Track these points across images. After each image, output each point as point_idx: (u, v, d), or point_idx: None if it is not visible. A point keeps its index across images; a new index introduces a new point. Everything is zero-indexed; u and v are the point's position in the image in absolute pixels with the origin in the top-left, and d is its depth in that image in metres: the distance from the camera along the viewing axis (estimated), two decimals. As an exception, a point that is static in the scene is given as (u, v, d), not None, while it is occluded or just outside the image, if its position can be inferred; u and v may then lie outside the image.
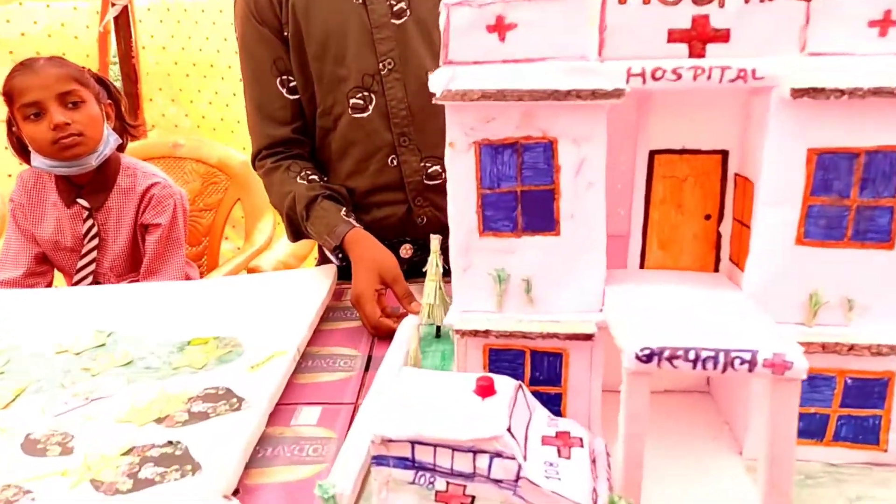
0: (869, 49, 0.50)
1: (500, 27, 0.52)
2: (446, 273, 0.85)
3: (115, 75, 2.77)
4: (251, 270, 1.60)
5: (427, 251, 1.16)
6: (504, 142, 0.54)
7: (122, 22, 2.43)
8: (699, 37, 0.51)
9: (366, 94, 1.04)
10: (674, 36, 0.51)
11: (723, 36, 0.51)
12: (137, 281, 1.54)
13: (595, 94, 0.51)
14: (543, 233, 0.56)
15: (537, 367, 0.59)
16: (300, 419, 0.69)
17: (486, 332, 0.57)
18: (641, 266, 0.63)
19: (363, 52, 1.02)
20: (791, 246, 0.54)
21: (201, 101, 2.48)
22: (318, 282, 1.00)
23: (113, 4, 2.41)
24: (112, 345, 0.83)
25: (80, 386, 0.72)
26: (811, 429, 0.56)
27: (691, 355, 0.44)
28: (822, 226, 0.53)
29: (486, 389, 0.50)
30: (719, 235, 0.61)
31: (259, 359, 0.75)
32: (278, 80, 1.06)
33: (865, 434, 0.56)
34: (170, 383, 0.72)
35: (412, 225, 1.11)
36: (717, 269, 0.62)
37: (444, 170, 1.08)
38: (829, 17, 0.50)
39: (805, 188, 0.52)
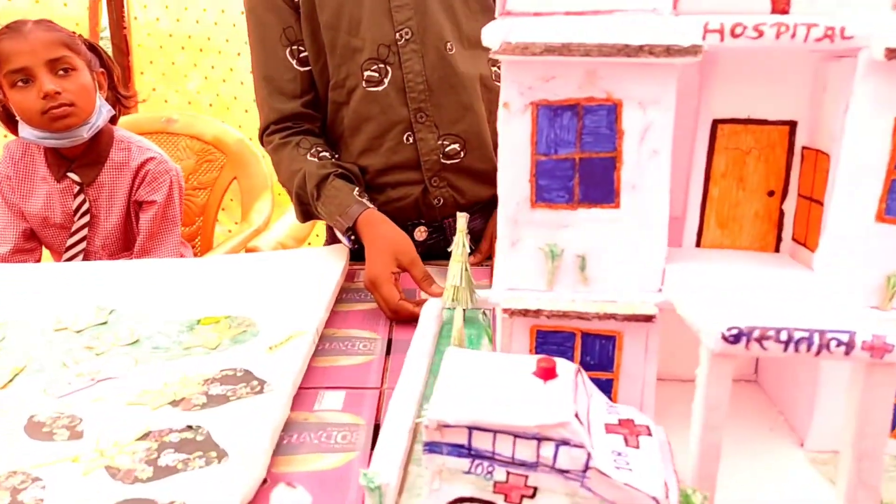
0: (967, 9, 0.46)
1: (564, -25, 0.48)
2: (471, 254, 0.81)
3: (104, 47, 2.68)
4: (249, 251, 1.54)
5: (443, 233, 1.12)
6: (564, 103, 0.49)
7: (114, -10, 2.34)
8: (784, -9, 0.47)
9: (381, 66, 0.98)
10: (757, -11, 0.47)
11: (810, -10, 0.47)
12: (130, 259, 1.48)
13: (669, 51, 0.46)
14: (601, 205, 0.52)
15: (588, 351, 0.54)
16: (324, 404, 0.65)
17: (537, 312, 0.52)
18: (697, 245, 0.58)
19: (379, 20, 0.96)
20: (871, 223, 0.50)
21: (196, 77, 2.40)
22: (330, 262, 0.95)
23: (103, -26, 2.32)
24: (115, 322, 0.77)
25: (84, 366, 0.67)
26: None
27: (783, 336, 0.40)
28: (905, 201, 0.49)
29: (548, 372, 0.45)
30: (782, 213, 0.57)
31: (277, 339, 0.71)
32: (288, 50, 1.00)
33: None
34: (182, 364, 0.67)
35: (428, 206, 1.06)
36: (777, 250, 0.58)
37: (463, 149, 1.04)
38: (925, -28, 0.46)
39: (890, 160, 0.48)
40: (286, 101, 1.02)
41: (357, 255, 1.00)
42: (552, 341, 0.54)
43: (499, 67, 1.06)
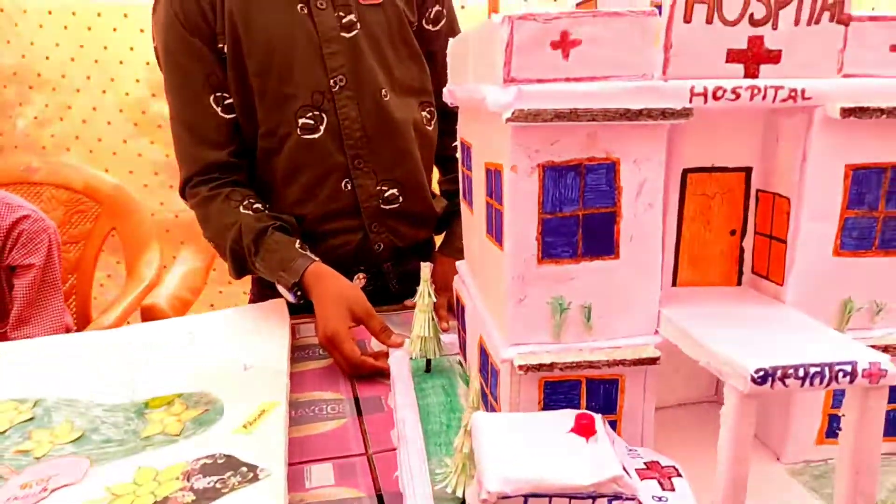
0: (892, 72, 0.54)
1: (564, 43, 0.50)
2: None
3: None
4: (146, 310, 1.41)
5: (381, 278, 1.10)
6: (568, 164, 0.51)
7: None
8: (754, 57, 0.52)
9: (316, 113, 0.95)
10: (731, 56, 0.52)
11: (775, 57, 0.52)
12: (5, 333, 1.31)
13: (665, 114, 0.50)
14: (603, 257, 0.54)
15: (593, 396, 0.56)
16: (314, 480, 0.61)
17: (551, 366, 0.53)
18: (673, 283, 0.63)
19: (312, 67, 0.94)
20: (829, 257, 0.56)
21: (24, 116, 2.16)
22: (273, 320, 0.90)
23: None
24: (43, 416, 0.67)
25: (27, 475, 0.57)
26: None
27: (801, 373, 0.44)
28: (854, 237, 0.56)
29: (587, 428, 0.46)
30: (742, 250, 0.63)
31: (248, 415, 0.65)
32: (212, 97, 0.95)
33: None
34: (147, 457, 0.60)
35: (367, 252, 1.04)
36: (739, 283, 0.64)
37: (401, 193, 1.04)
38: (860, 41, 0.53)
39: (842, 202, 0.55)
40: (212, 150, 0.96)
41: (295, 308, 0.95)
42: (560, 391, 0.56)
43: (429, 112, 1.07)
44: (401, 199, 1.03)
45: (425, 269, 0.78)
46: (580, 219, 0.53)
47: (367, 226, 1.02)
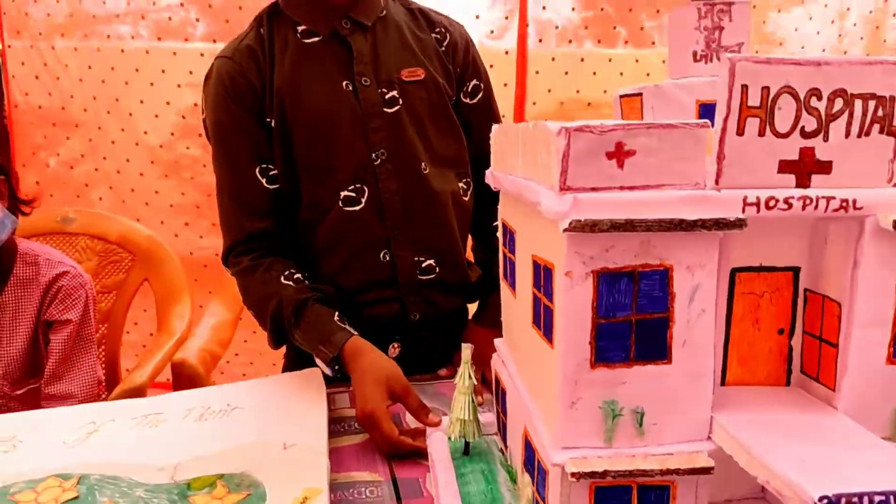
0: (944, 183, 0.54)
1: (619, 154, 0.51)
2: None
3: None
4: (177, 366, 1.43)
5: (415, 347, 1.11)
6: (622, 270, 0.52)
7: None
8: (805, 168, 0.53)
9: (358, 186, 0.98)
10: (783, 166, 0.53)
11: (826, 167, 0.53)
12: (38, 389, 1.33)
13: (719, 224, 0.51)
14: (656, 362, 0.54)
15: (644, 502, 0.55)
16: (356, 573, 0.60)
17: (604, 473, 0.53)
18: (722, 383, 0.62)
19: (355, 142, 0.97)
20: (882, 366, 0.56)
21: (58, 157, 2.22)
22: (309, 392, 0.90)
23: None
24: (88, 496, 0.68)
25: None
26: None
27: (865, 501, 0.44)
28: (907, 345, 0.56)
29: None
30: (790, 349, 0.63)
31: (289, 502, 0.65)
32: (258, 168, 0.97)
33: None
34: (191, 546, 0.60)
35: (403, 322, 1.05)
36: (787, 382, 0.63)
37: (438, 264, 1.05)
38: (911, 152, 0.54)
39: (894, 312, 0.55)
40: (256, 219, 0.99)
41: (329, 378, 0.96)
42: (612, 496, 0.55)
43: (465, 183, 1.09)
44: (438, 269, 1.04)
45: (466, 350, 0.78)
46: (633, 324, 0.53)
47: (404, 296, 1.03)
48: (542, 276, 0.59)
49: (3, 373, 1.28)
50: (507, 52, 2.17)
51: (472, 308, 1.17)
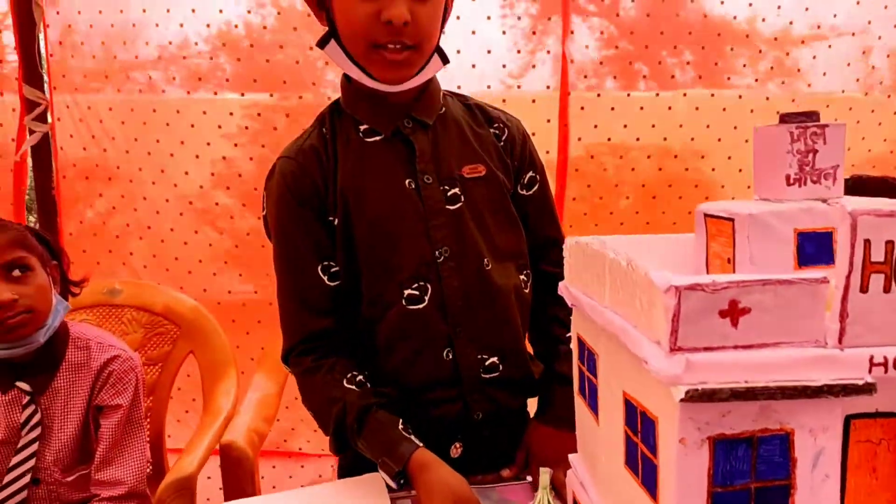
0: None
1: (733, 312, 0.48)
2: None
3: (30, 200, 2.48)
4: (225, 449, 1.40)
5: (480, 446, 1.06)
6: (740, 436, 0.48)
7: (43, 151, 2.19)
8: (936, 324, 0.49)
9: (422, 284, 0.96)
10: (911, 323, 0.49)
11: (957, 322, 0.49)
12: (88, 475, 1.31)
13: (847, 390, 0.47)
14: (776, 530, 0.50)
15: None
16: None
17: None
18: (837, 536, 0.58)
19: (418, 239, 0.95)
20: None
21: (93, 210, 2.23)
22: (372, 499, 0.87)
23: (32, 132, 2.18)
24: None
25: None
26: None
27: None
28: None
29: None
30: (911, 498, 0.58)
31: None
32: (320, 266, 0.96)
33: None
34: None
35: (466, 421, 1.02)
36: (908, 533, 0.58)
37: (501, 362, 1.02)
38: None
39: None
40: (318, 318, 0.98)
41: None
42: None
43: (525, 275, 1.07)
44: (501, 366, 1.01)
45: (545, 475, 0.74)
46: (752, 492, 0.49)
47: (467, 394, 1.01)
48: (640, 421, 0.55)
49: (55, 459, 1.27)
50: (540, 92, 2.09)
51: (532, 402, 1.13)
